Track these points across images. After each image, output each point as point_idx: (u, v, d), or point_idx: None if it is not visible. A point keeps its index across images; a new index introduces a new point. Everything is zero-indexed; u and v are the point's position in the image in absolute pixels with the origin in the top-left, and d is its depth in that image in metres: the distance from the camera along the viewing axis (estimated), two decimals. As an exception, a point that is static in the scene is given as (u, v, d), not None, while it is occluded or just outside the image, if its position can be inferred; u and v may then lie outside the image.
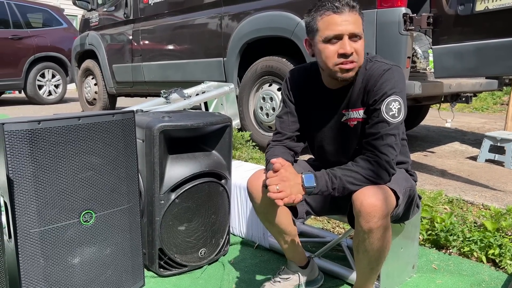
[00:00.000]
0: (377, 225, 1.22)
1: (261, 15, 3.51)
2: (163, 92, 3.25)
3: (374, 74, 1.34)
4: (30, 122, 1.21)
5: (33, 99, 7.98)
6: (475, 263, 1.85)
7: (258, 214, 1.50)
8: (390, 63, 1.36)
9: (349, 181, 1.27)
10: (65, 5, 11.27)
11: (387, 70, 1.33)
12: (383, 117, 1.29)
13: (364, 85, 1.36)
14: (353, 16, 1.28)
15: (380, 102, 1.30)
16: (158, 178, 1.67)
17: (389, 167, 1.28)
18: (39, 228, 1.25)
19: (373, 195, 1.22)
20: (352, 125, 1.41)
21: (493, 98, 7.66)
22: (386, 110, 1.29)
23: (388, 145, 1.28)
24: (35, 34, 7.83)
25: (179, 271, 1.77)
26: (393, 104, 1.30)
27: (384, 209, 1.22)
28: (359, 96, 1.37)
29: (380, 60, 1.37)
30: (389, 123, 1.29)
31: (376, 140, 1.29)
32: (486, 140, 3.29)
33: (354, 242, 1.33)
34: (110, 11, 5.42)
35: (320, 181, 1.28)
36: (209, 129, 1.80)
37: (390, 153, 1.28)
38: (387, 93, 1.30)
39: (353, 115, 1.40)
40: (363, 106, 1.37)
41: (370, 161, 1.28)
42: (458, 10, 2.52)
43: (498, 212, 2.01)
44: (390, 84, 1.31)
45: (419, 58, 3.69)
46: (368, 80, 1.35)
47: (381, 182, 1.27)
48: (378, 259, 1.31)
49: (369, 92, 1.34)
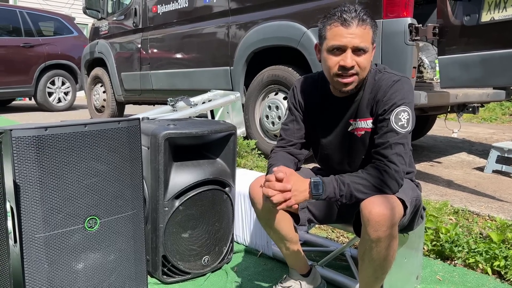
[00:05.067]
0: (385, 234, 1.21)
1: (268, 24, 3.54)
2: (169, 100, 3.28)
3: (383, 84, 1.36)
4: (37, 129, 1.23)
5: (43, 106, 8.08)
6: (480, 274, 1.83)
7: (260, 220, 1.51)
8: (400, 74, 1.38)
9: (358, 188, 1.26)
10: (76, 14, 11.45)
11: (397, 81, 1.35)
12: (392, 127, 1.30)
13: (373, 95, 1.38)
14: (361, 29, 1.29)
15: (389, 112, 1.32)
16: (163, 185, 1.68)
17: (398, 177, 1.28)
18: (44, 233, 1.27)
19: (382, 204, 1.21)
20: (359, 135, 1.41)
21: (502, 108, 7.61)
22: (395, 120, 1.31)
23: (397, 154, 1.29)
24: (46, 42, 7.95)
25: (182, 278, 1.78)
26: (402, 114, 1.31)
27: (392, 218, 1.21)
28: (368, 106, 1.39)
29: (390, 71, 1.39)
30: (398, 133, 1.30)
31: (385, 149, 1.30)
32: (493, 150, 3.27)
33: (359, 251, 1.32)
34: (119, 20, 5.50)
35: (328, 187, 1.27)
36: (213, 137, 1.81)
37: (400, 163, 1.28)
38: (396, 103, 1.32)
39: (361, 125, 1.41)
40: (372, 116, 1.38)
41: (379, 169, 1.28)
42: (464, 21, 2.52)
43: (504, 224, 1.99)
44: (399, 94, 1.33)
45: (426, 68, 3.69)
46: (378, 90, 1.37)
47: (389, 192, 1.27)
48: (383, 268, 1.31)
49: (378, 102, 1.36)
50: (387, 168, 1.27)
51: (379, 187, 1.26)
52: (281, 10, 3.45)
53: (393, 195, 1.27)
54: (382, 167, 1.28)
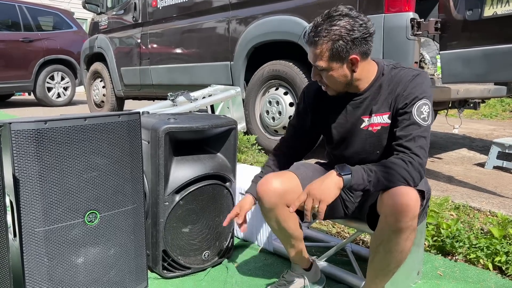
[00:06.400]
0: (407, 225, 1.21)
1: (268, 19, 3.52)
2: (169, 95, 3.26)
3: (403, 79, 1.36)
4: (36, 122, 1.22)
5: (42, 101, 8.06)
6: (481, 270, 1.83)
7: (266, 218, 1.50)
8: (418, 69, 1.39)
9: (385, 177, 1.25)
10: (75, 8, 11.40)
11: (417, 75, 1.36)
12: (414, 120, 1.30)
13: (392, 90, 1.37)
14: (315, 50, 1.33)
15: (411, 105, 1.32)
16: (163, 179, 1.67)
17: (421, 170, 1.28)
18: (44, 227, 1.26)
19: (406, 195, 1.21)
20: (375, 130, 1.41)
21: (502, 105, 7.60)
22: (417, 113, 1.31)
23: (420, 147, 1.29)
24: (45, 37, 7.92)
25: (182, 273, 1.77)
26: (423, 107, 1.32)
27: (415, 209, 1.21)
28: (386, 100, 1.38)
29: (407, 67, 1.40)
30: (421, 126, 1.30)
31: (409, 141, 1.29)
32: (494, 146, 3.26)
33: (373, 243, 1.32)
34: (119, 14, 5.47)
35: (356, 173, 1.25)
36: (214, 131, 1.80)
37: (423, 155, 1.28)
38: (418, 97, 1.32)
39: (377, 120, 1.40)
40: (389, 111, 1.38)
41: (404, 160, 1.27)
42: (466, 15, 2.51)
43: (505, 219, 1.99)
44: (421, 88, 1.34)
45: (427, 63, 3.67)
46: (397, 85, 1.36)
47: (412, 183, 1.26)
48: (399, 261, 1.30)
49: (398, 96, 1.36)
50: (412, 160, 1.27)
51: (404, 178, 1.25)
52: (282, 4, 3.43)
53: (413, 187, 1.26)
54: (407, 159, 1.27)
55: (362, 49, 1.31)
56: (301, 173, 1.49)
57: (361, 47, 1.30)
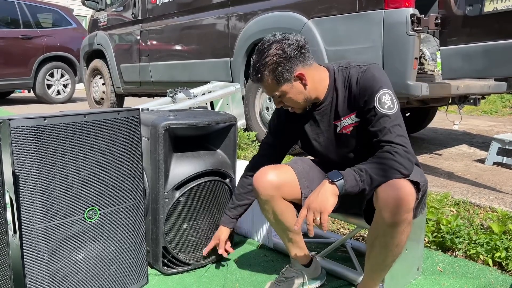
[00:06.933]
0: (402, 218, 1.21)
1: (268, 15, 3.51)
2: (169, 92, 3.26)
3: (352, 78, 1.39)
4: (36, 119, 1.22)
5: (42, 99, 8.05)
6: (481, 266, 1.83)
7: (263, 211, 1.51)
8: (365, 63, 1.40)
9: (377, 172, 1.25)
10: (74, 5, 11.37)
11: (364, 71, 1.37)
12: (381, 112, 1.31)
13: (348, 91, 1.40)
14: (264, 85, 1.40)
15: (370, 101, 1.33)
16: (163, 176, 1.67)
17: (409, 156, 1.28)
18: (43, 224, 1.26)
19: (400, 188, 1.21)
20: (349, 131, 1.43)
21: (502, 101, 7.59)
22: (380, 105, 1.31)
23: (398, 135, 1.29)
24: (44, 34, 7.90)
25: (182, 269, 1.78)
26: (383, 97, 1.32)
27: (410, 203, 1.21)
28: (345, 102, 1.41)
29: (355, 64, 1.42)
30: (389, 115, 1.30)
31: (385, 135, 1.29)
32: (494, 142, 3.26)
33: (370, 237, 1.32)
34: (118, 11, 5.46)
35: (348, 176, 1.25)
36: (214, 127, 1.80)
37: (404, 143, 1.29)
38: (374, 90, 1.33)
39: (347, 122, 1.42)
40: (353, 111, 1.40)
41: (390, 152, 1.27)
42: (467, 11, 2.50)
43: (505, 215, 1.99)
44: (372, 81, 1.34)
45: (427, 60, 3.67)
46: (350, 86, 1.39)
47: (406, 171, 1.26)
48: (394, 254, 1.31)
49: (355, 97, 1.38)
50: (397, 149, 1.27)
51: (396, 168, 1.25)
52: (281, 0, 3.42)
53: (407, 180, 1.26)
54: (392, 150, 1.27)
55: (302, 62, 1.36)
56: (298, 167, 1.51)
57: (299, 61, 1.35)
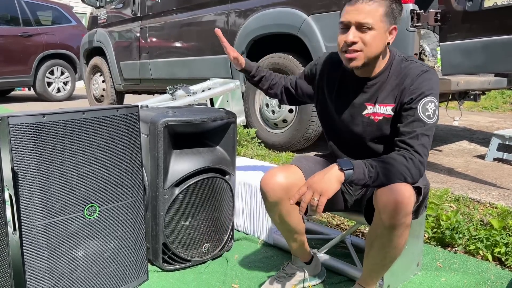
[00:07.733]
0: (401, 222, 1.21)
1: (267, 12, 3.50)
2: (169, 89, 3.25)
3: (411, 73, 1.34)
4: (34, 116, 1.22)
5: (42, 96, 8.05)
6: (481, 261, 1.83)
7: (269, 212, 1.49)
8: (427, 65, 1.37)
9: (384, 173, 1.23)
10: (74, 3, 11.35)
11: (425, 71, 1.34)
12: (419, 117, 1.28)
13: (399, 82, 1.35)
14: (366, 6, 1.27)
15: (417, 101, 1.30)
16: (162, 173, 1.67)
17: (422, 168, 1.26)
18: (43, 221, 1.27)
19: (400, 192, 1.20)
20: (376, 119, 1.39)
21: (503, 97, 7.57)
22: (422, 110, 1.29)
23: (423, 145, 1.27)
24: (44, 32, 7.90)
25: (182, 266, 1.78)
26: (429, 105, 1.29)
27: (409, 207, 1.20)
28: (392, 92, 1.37)
29: (417, 61, 1.38)
30: (425, 123, 1.28)
31: (412, 139, 1.27)
32: (494, 138, 3.25)
33: (369, 237, 1.32)
34: (118, 8, 5.45)
35: (357, 168, 1.23)
36: (213, 124, 1.80)
37: (424, 154, 1.26)
38: (424, 93, 1.30)
39: (380, 110, 1.38)
40: (394, 103, 1.36)
41: (406, 157, 1.25)
42: (466, 6, 2.49)
43: (505, 211, 1.99)
44: (428, 85, 1.31)
45: (427, 55, 3.65)
46: (405, 78, 1.34)
47: (411, 181, 1.24)
48: (392, 256, 1.31)
49: (404, 90, 1.33)
50: (413, 158, 1.25)
51: (403, 174, 1.23)
52: (281, -3, 3.41)
53: (411, 184, 1.25)
54: (409, 156, 1.25)
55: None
56: (304, 166, 1.49)
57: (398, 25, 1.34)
